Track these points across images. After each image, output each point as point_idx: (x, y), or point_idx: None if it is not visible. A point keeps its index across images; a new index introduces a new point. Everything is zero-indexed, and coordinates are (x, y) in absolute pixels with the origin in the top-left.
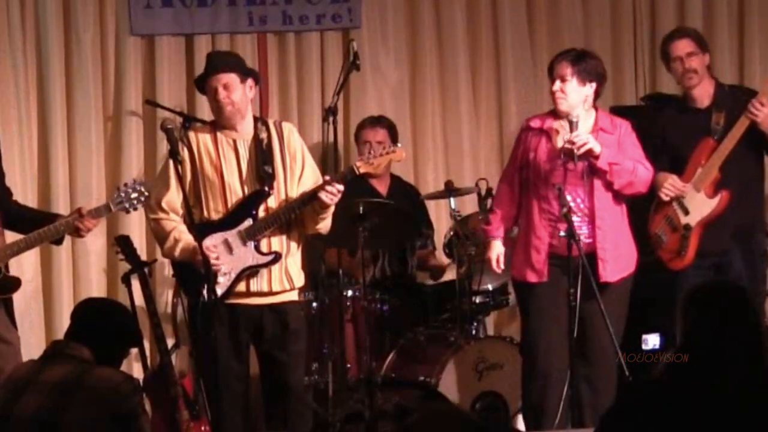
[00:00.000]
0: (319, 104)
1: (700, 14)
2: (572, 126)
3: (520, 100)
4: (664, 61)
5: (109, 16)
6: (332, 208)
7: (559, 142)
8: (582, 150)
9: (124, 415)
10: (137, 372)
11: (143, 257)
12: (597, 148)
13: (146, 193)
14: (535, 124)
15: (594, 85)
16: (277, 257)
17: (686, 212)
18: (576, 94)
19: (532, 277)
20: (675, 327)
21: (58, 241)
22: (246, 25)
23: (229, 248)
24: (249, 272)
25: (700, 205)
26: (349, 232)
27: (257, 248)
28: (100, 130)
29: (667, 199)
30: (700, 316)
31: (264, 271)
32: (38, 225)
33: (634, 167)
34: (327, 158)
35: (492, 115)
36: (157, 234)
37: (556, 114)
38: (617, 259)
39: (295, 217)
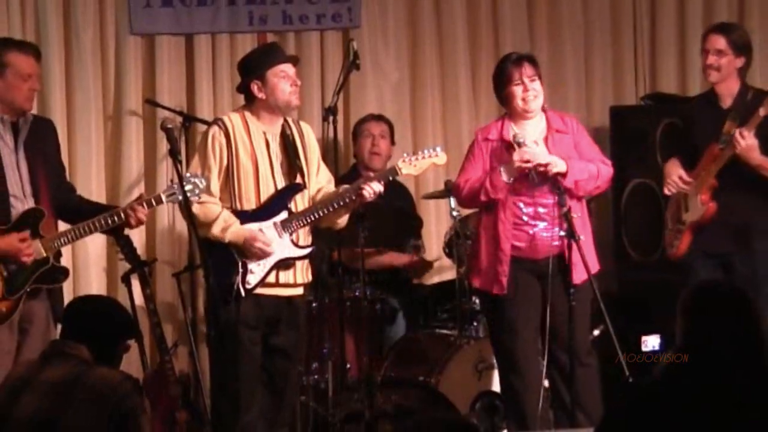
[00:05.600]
0: (319, 103)
1: (700, 13)
2: (520, 146)
3: None
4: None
5: (108, 16)
6: None
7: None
8: (553, 171)
9: (124, 414)
10: (136, 371)
11: (143, 257)
12: (563, 167)
13: (201, 185)
14: (493, 135)
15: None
16: (313, 250)
17: (686, 209)
18: (542, 96)
19: (497, 289)
20: (675, 327)
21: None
22: (246, 24)
23: None
24: (282, 264)
25: (694, 207)
26: (349, 231)
27: (293, 241)
28: (100, 129)
29: (668, 194)
30: (699, 316)
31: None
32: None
33: (597, 171)
34: (327, 158)
35: (492, 113)
36: (205, 216)
37: (512, 120)
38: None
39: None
